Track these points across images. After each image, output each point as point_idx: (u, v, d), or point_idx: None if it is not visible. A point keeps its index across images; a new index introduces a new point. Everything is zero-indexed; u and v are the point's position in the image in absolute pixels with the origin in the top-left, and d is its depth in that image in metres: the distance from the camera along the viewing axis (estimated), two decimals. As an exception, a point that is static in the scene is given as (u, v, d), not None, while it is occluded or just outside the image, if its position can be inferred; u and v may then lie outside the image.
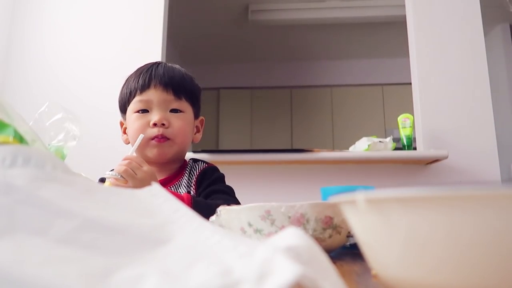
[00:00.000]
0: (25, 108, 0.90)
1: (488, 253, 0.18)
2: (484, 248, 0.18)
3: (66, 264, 0.17)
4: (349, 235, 0.55)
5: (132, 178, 0.78)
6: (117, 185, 0.77)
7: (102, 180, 0.99)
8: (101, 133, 2.10)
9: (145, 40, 2.31)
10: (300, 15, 3.71)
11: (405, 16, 2.36)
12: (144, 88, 0.92)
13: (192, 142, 1.01)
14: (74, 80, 2.30)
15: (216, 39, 4.32)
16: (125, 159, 0.81)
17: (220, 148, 4.68)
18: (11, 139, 0.32)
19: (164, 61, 2.30)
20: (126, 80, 0.99)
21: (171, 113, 0.93)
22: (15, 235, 0.19)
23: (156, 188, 0.28)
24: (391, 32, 4.06)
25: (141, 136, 0.85)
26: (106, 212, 0.23)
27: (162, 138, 0.90)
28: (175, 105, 0.93)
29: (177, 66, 1.00)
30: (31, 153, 0.25)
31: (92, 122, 2.10)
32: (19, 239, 0.18)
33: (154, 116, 0.90)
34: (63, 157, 0.57)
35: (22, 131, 0.34)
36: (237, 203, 0.90)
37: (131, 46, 2.32)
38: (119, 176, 0.78)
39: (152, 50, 2.26)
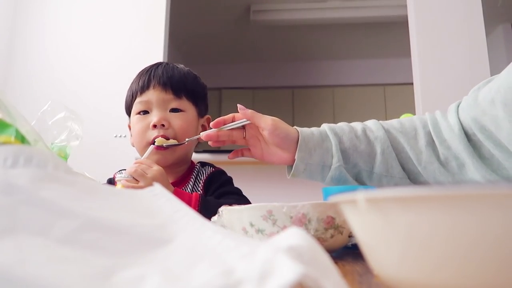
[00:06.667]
0: (27, 109, 0.90)
1: (491, 253, 0.18)
2: (487, 248, 0.18)
3: (67, 264, 0.17)
4: (351, 235, 0.54)
5: (142, 178, 0.78)
6: (129, 187, 0.77)
7: (110, 181, 1.00)
8: (103, 134, 2.10)
9: (147, 41, 2.31)
10: (302, 15, 3.70)
11: (407, 16, 2.35)
12: (143, 89, 0.92)
13: (199, 141, 0.99)
14: (75, 81, 2.30)
15: (217, 39, 4.31)
16: (135, 163, 0.82)
17: (222, 148, 4.67)
18: (13, 139, 0.32)
19: (166, 61, 2.30)
20: (131, 84, 0.99)
21: (171, 112, 0.92)
22: (17, 235, 0.19)
23: (157, 188, 0.28)
24: (392, 33, 4.05)
25: (152, 146, 0.86)
26: (108, 212, 0.23)
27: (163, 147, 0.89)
28: (175, 104, 0.93)
29: (180, 65, 1.00)
30: (33, 153, 0.25)
31: (94, 122, 2.10)
32: (21, 239, 0.18)
33: (154, 117, 0.90)
34: (66, 156, 0.57)
35: (24, 131, 0.34)
36: (248, 202, 0.90)
37: (133, 47, 2.32)
38: (130, 177, 0.78)
39: (154, 51, 2.26)
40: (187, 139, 0.86)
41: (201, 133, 0.78)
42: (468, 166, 0.67)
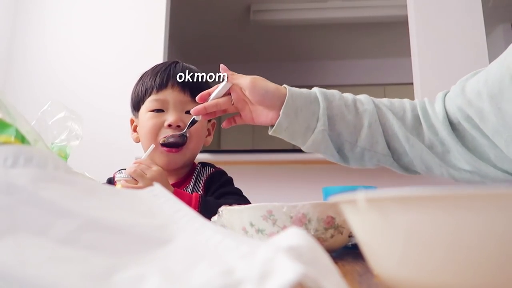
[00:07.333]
0: (27, 108, 0.89)
1: (493, 253, 0.18)
2: (490, 248, 0.18)
3: (67, 264, 0.17)
4: (351, 235, 0.54)
5: (142, 178, 0.78)
6: (128, 187, 0.77)
7: (110, 180, 0.99)
8: (103, 134, 2.10)
9: (147, 41, 2.31)
10: (302, 15, 3.70)
11: (407, 16, 2.35)
12: (161, 87, 0.92)
13: (203, 145, 0.99)
14: (75, 81, 2.30)
15: (217, 39, 4.31)
16: (135, 163, 0.81)
17: (222, 148, 4.66)
18: (13, 139, 0.32)
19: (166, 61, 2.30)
20: (141, 78, 0.98)
21: (186, 114, 0.92)
22: (17, 235, 0.19)
23: (157, 188, 0.28)
24: (393, 32, 4.04)
25: (152, 146, 0.85)
26: (108, 212, 0.23)
27: (173, 147, 0.89)
28: (191, 107, 0.92)
29: (193, 67, 0.99)
30: (33, 153, 0.25)
31: (94, 122, 2.10)
32: (20, 239, 0.18)
33: (170, 117, 0.89)
34: (66, 156, 0.57)
35: (24, 131, 0.34)
36: (248, 202, 0.90)
37: (133, 47, 2.32)
38: (129, 178, 0.78)
39: (154, 51, 2.25)
40: (185, 129, 0.86)
41: (190, 110, 0.78)
42: (453, 152, 0.67)
